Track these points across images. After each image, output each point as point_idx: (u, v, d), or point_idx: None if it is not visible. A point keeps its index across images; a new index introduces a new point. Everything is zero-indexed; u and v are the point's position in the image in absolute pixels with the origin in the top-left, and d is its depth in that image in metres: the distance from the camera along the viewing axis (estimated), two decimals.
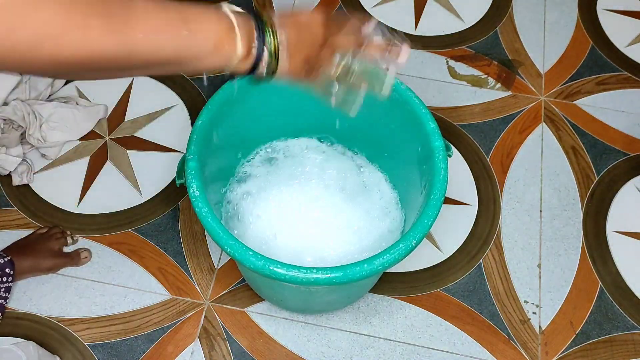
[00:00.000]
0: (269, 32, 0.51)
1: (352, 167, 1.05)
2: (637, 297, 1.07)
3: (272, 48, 0.51)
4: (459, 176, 1.18)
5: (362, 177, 1.04)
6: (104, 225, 1.11)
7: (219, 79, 1.29)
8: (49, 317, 1.02)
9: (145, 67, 0.47)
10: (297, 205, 0.99)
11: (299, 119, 1.03)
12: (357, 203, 1.00)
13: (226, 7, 0.50)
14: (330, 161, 1.05)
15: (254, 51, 0.51)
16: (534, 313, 1.05)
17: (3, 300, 0.97)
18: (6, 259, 0.97)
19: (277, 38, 0.51)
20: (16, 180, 1.12)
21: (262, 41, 0.51)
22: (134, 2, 0.44)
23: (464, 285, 1.07)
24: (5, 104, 1.16)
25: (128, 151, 1.19)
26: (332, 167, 1.04)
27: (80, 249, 1.08)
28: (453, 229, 1.12)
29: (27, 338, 0.99)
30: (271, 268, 0.74)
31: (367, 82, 0.60)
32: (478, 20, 1.40)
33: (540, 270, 1.09)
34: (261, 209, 0.99)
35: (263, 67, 0.52)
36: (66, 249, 1.08)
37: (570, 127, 1.25)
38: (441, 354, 1.01)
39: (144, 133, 1.21)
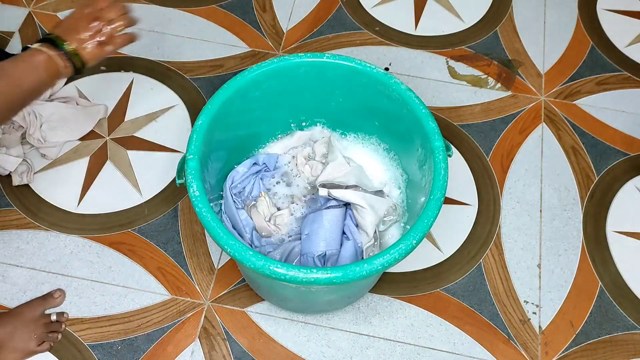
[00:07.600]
0: (62, 45, 0.77)
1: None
2: (637, 297, 1.07)
3: (72, 52, 0.77)
4: (459, 176, 1.18)
5: None
6: (104, 225, 1.11)
7: (219, 79, 1.29)
8: None
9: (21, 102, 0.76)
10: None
11: (298, 119, 1.03)
12: None
13: (37, 46, 0.76)
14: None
15: (66, 61, 0.77)
16: (534, 313, 1.05)
17: None
18: None
19: (68, 46, 0.77)
20: (16, 180, 1.12)
21: (65, 53, 0.77)
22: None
23: (464, 285, 1.07)
24: None
25: (128, 151, 1.19)
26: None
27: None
28: (453, 229, 1.12)
29: None
30: (271, 268, 0.74)
31: None
32: (478, 20, 1.40)
33: (540, 270, 1.09)
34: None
35: (77, 64, 0.78)
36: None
37: (570, 127, 1.25)
38: (441, 354, 1.01)
39: (144, 133, 1.21)
